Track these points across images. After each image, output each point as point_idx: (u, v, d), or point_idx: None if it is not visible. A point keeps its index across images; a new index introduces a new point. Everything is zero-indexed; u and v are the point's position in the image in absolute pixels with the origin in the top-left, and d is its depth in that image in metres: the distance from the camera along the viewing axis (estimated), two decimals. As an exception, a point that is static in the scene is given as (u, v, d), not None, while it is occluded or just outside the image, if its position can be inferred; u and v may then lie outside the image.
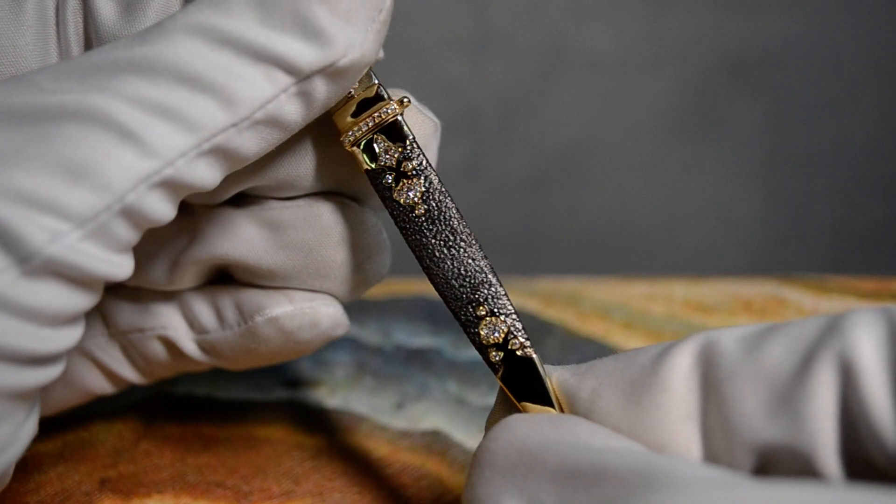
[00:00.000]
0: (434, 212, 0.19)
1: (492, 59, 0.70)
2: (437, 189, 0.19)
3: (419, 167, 0.19)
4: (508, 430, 0.16)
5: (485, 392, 0.28)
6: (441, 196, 0.19)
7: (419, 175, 0.19)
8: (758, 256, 0.75)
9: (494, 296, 0.19)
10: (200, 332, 0.22)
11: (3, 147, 0.16)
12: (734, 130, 0.73)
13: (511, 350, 0.19)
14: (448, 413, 0.27)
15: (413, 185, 0.19)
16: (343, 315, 0.22)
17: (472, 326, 0.19)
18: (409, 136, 0.19)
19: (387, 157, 0.19)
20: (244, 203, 0.21)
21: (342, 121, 0.19)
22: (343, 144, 0.19)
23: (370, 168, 0.19)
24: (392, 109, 0.19)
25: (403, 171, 0.19)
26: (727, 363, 0.16)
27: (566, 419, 0.17)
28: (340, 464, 0.25)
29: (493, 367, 0.19)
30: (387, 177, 0.19)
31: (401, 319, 0.32)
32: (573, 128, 0.72)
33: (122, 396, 0.27)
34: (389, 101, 0.19)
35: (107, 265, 0.16)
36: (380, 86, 0.19)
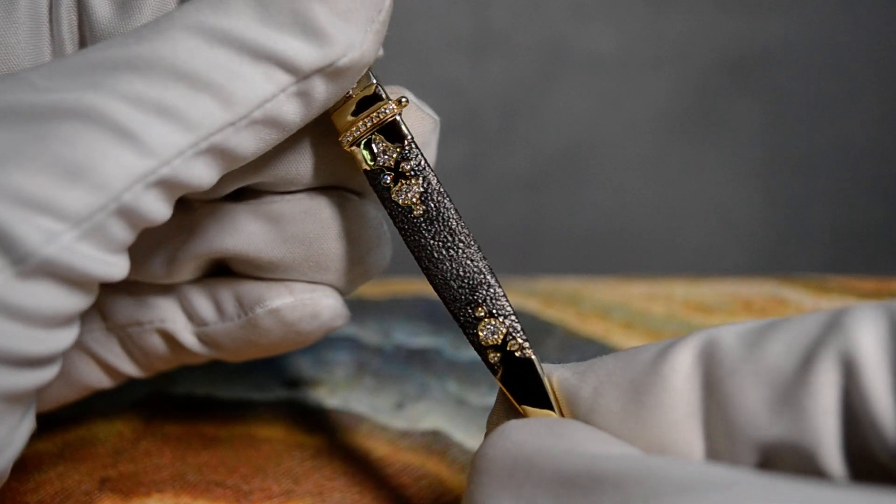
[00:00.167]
0: (432, 212, 0.19)
1: (492, 59, 0.70)
2: (436, 189, 0.19)
3: (417, 167, 0.19)
4: (505, 437, 0.16)
5: (485, 392, 0.28)
6: (439, 197, 0.19)
7: (417, 175, 0.19)
8: (758, 256, 0.75)
9: (493, 297, 0.19)
10: (200, 325, 0.22)
11: None
12: (734, 130, 0.73)
13: (510, 352, 0.19)
14: (448, 413, 0.27)
15: (411, 186, 0.19)
16: (343, 306, 0.22)
17: (471, 328, 0.19)
18: (408, 137, 0.19)
19: (385, 158, 0.19)
20: (243, 197, 0.21)
21: (341, 120, 0.19)
22: (342, 144, 0.19)
23: (368, 168, 0.19)
24: (390, 109, 0.19)
25: (402, 172, 0.19)
26: (728, 361, 0.16)
27: (563, 424, 0.17)
28: (340, 464, 0.25)
29: (493, 369, 0.19)
30: (385, 177, 0.19)
31: (401, 319, 0.32)
32: (573, 128, 0.72)
33: (122, 396, 0.27)
34: (388, 101, 0.19)
35: (102, 265, 0.16)
36: (378, 85, 0.19)
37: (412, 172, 0.19)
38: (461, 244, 0.19)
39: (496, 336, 0.19)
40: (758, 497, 0.13)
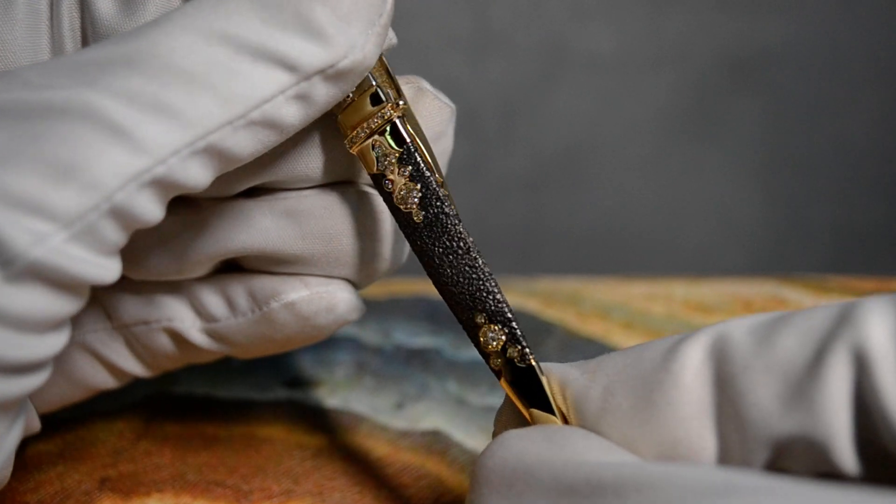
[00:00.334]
0: (432, 218, 0.19)
1: (492, 59, 0.70)
2: (435, 195, 0.19)
3: (416, 173, 0.19)
4: (503, 447, 0.16)
5: (485, 392, 0.28)
6: (439, 203, 0.19)
7: (416, 181, 0.19)
8: (758, 256, 0.75)
9: (493, 304, 0.19)
10: (210, 321, 0.21)
11: None
12: (734, 130, 0.73)
13: (510, 359, 0.19)
14: (448, 413, 0.27)
15: (411, 191, 0.19)
16: (358, 299, 0.21)
17: (474, 332, 0.19)
18: (407, 141, 0.19)
19: (385, 162, 0.19)
20: (256, 194, 0.20)
21: (344, 123, 0.19)
22: (347, 147, 0.19)
23: (372, 172, 0.19)
24: (387, 114, 0.19)
25: (402, 176, 0.19)
26: (740, 356, 0.16)
27: (562, 433, 0.17)
28: (340, 463, 0.25)
29: (496, 373, 0.19)
30: (386, 182, 0.19)
31: (401, 319, 0.32)
32: (573, 128, 0.72)
33: (123, 395, 0.27)
34: (385, 105, 0.19)
35: (94, 268, 0.16)
36: (378, 87, 0.19)
37: (411, 178, 0.19)
38: (460, 251, 0.19)
39: (496, 343, 0.19)
40: (760, 500, 0.13)
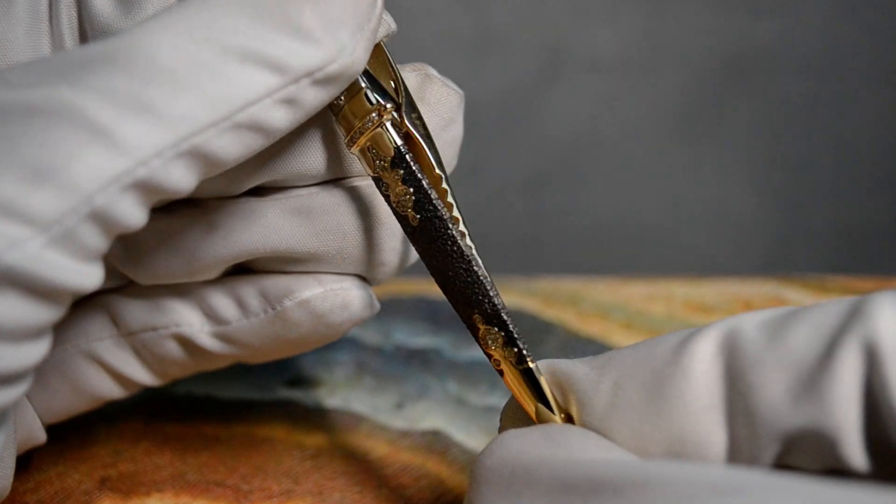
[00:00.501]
0: (426, 222, 0.19)
1: (492, 59, 0.70)
2: (427, 198, 0.19)
3: (408, 176, 0.19)
4: (502, 447, 0.16)
5: (485, 392, 0.28)
6: (431, 207, 0.19)
7: (408, 184, 0.19)
8: (758, 256, 0.75)
9: (488, 307, 0.19)
10: (220, 324, 0.21)
11: None
12: (734, 130, 0.73)
13: (509, 360, 0.19)
14: (448, 413, 0.27)
15: (405, 195, 0.19)
16: (373, 297, 0.21)
17: (475, 333, 0.19)
18: (397, 144, 0.19)
19: (380, 166, 0.19)
20: (264, 192, 0.20)
21: (341, 126, 0.19)
22: (348, 148, 0.19)
23: (371, 175, 0.19)
24: (375, 118, 0.18)
25: (396, 180, 0.19)
26: (751, 351, 0.16)
27: (561, 432, 0.17)
28: (340, 463, 0.25)
29: (499, 373, 0.19)
30: (383, 184, 0.19)
31: (401, 319, 0.32)
32: (573, 128, 0.72)
33: (122, 396, 0.27)
34: (375, 108, 0.18)
35: (73, 275, 0.15)
36: (367, 90, 0.18)
37: (403, 181, 0.19)
38: (454, 254, 0.19)
39: (494, 345, 0.19)
40: (757, 498, 0.13)
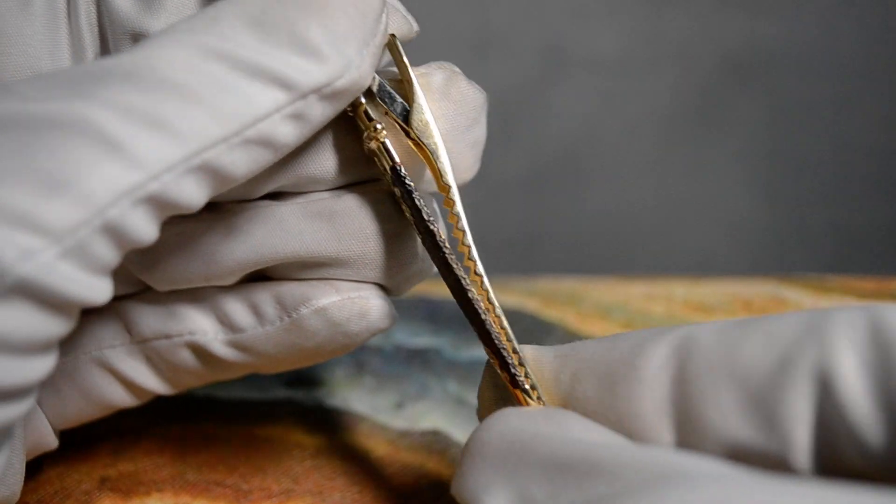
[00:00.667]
0: (423, 235, 0.19)
1: (492, 59, 0.70)
2: (419, 216, 0.19)
3: (405, 193, 0.19)
4: (502, 422, 0.17)
5: (485, 392, 0.28)
6: (423, 225, 0.19)
7: (405, 201, 0.19)
8: (758, 256, 0.75)
9: (479, 326, 0.19)
10: (235, 332, 0.20)
11: None
12: (734, 130, 0.73)
13: (506, 381, 0.19)
14: (448, 413, 0.27)
15: (407, 208, 0.19)
16: (391, 306, 0.21)
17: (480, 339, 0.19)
18: (388, 165, 0.19)
19: (388, 178, 0.19)
20: (286, 196, 0.20)
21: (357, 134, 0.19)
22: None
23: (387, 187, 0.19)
24: (369, 136, 0.19)
25: (398, 192, 0.19)
26: (704, 358, 0.16)
27: (561, 413, 0.17)
28: (340, 463, 0.25)
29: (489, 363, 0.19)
30: (394, 192, 0.19)
31: (401, 319, 0.32)
32: (573, 128, 0.72)
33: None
34: (372, 123, 0.19)
35: (84, 288, 0.15)
36: (364, 106, 0.19)
37: (402, 197, 0.19)
38: (445, 269, 0.19)
39: (493, 362, 0.19)
40: (755, 490, 0.13)
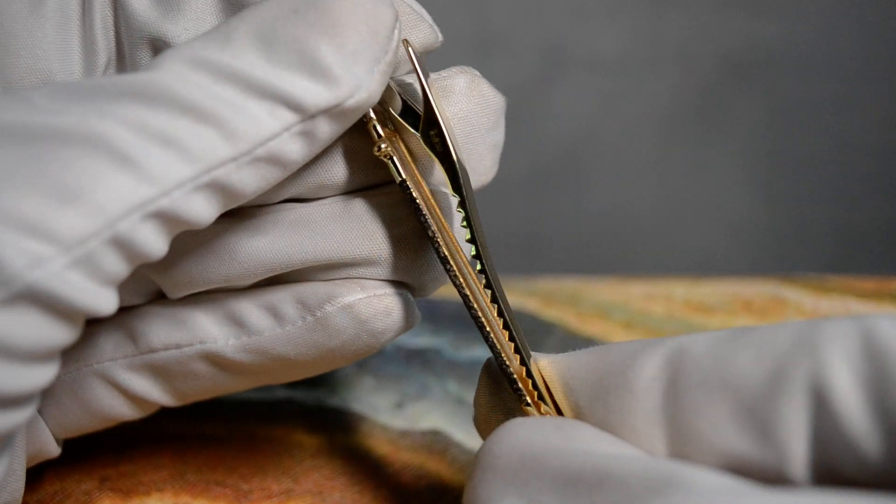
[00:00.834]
0: (433, 248, 0.19)
1: (492, 59, 0.70)
2: (426, 228, 0.19)
3: (413, 204, 0.19)
4: (512, 434, 0.16)
5: (485, 392, 0.28)
6: (429, 234, 0.19)
7: (413, 212, 0.19)
8: (758, 256, 0.75)
9: (481, 329, 0.19)
10: (252, 335, 0.20)
11: None
12: (734, 130, 0.73)
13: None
14: (448, 413, 0.27)
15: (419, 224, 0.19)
16: (415, 306, 0.21)
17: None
18: (401, 178, 0.19)
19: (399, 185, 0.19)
20: (309, 199, 0.20)
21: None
22: None
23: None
24: (377, 148, 0.19)
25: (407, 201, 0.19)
26: (696, 370, 0.16)
27: (571, 424, 0.17)
28: (340, 463, 0.25)
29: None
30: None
31: (401, 319, 0.32)
32: (573, 128, 0.72)
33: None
34: (380, 140, 0.19)
35: (91, 298, 0.15)
36: (373, 122, 0.18)
37: (409, 205, 0.19)
38: (458, 289, 0.19)
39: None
40: (762, 502, 0.13)
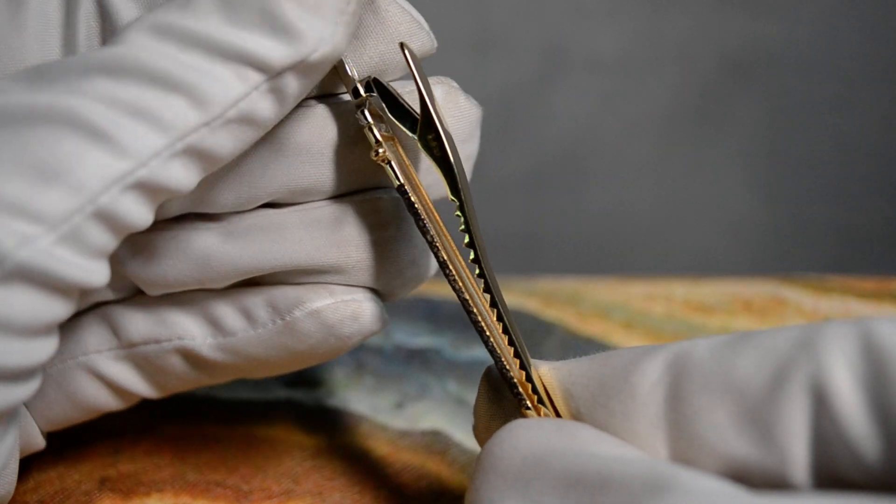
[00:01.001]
0: (434, 254, 0.19)
1: (492, 59, 0.70)
2: (425, 232, 0.19)
3: (411, 208, 0.19)
4: (513, 436, 0.16)
5: (485, 392, 0.28)
6: (426, 237, 0.19)
7: (411, 214, 0.19)
8: (758, 256, 0.75)
9: (480, 333, 0.19)
10: (226, 335, 0.20)
11: None
12: (734, 130, 0.73)
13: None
14: (448, 413, 0.27)
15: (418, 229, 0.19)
16: (383, 310, 0.21)
17: None
18: (399, 182, 0.19)
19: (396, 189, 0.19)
20: (282, 205, 0.20)
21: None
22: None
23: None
24: (377, 155, 0.19)
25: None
26: (698, 374, 0.16)
27: (573, 426, 0.17)
28: (340, 463, 0.25)
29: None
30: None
31: (401, 319, 0.32)
32: (573, 128, 0.72)
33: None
34: (377, 145, 0.19)
35: (81, 271, 0.16)
36: (369, 127, 0.19)
37: (408, 209, 0.19)
38: (456, 291, 0.19)
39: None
40: None
